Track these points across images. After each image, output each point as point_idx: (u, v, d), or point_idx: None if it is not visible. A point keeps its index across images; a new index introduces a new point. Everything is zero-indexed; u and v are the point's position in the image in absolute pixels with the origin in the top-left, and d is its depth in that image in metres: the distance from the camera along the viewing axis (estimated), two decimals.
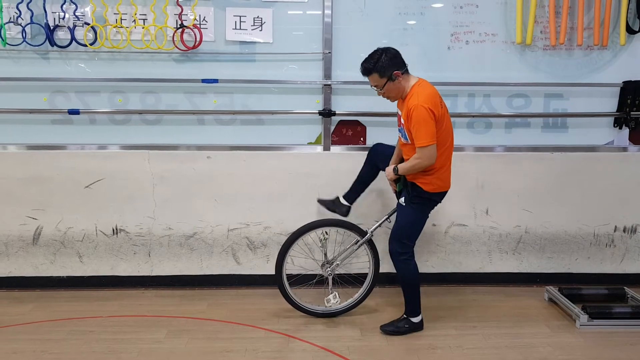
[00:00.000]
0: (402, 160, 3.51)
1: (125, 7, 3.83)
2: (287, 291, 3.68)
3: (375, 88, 3.32)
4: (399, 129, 3.48)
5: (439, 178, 3.34)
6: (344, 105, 4.08)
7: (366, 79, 3.84)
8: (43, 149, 4.01)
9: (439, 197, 3.42)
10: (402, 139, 3.41)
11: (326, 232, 3.69)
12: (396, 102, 3.51)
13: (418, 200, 3.37)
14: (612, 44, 4.07)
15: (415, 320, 3.55)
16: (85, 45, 3.85)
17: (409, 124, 3.20)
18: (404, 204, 3.41)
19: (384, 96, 3.34)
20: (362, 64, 3.27)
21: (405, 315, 3.56)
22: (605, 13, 3.94)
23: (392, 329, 3.53)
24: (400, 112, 3.44)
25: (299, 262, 3.92)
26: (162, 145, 4.05)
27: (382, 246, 3.91)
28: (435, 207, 3.52)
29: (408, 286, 3.51)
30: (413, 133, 3.20)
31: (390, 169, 3.47)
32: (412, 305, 3.54)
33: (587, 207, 4.23)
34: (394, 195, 3.63)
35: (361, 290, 3.79)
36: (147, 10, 3.85)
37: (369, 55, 3.25)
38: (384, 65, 3.20)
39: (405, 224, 3.43)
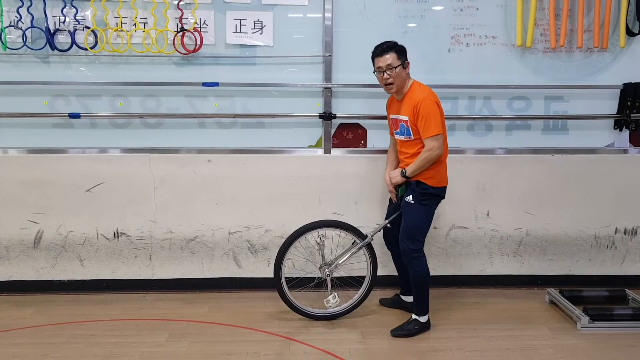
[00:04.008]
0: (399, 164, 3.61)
1: (126, 10, 3.84)
2: (286, 294, 3.68)
3: (384, 72, 3.37)
4: (396, 132, 3.56)
5: (440, 172, 3.47)
6: (344, 108, 4.09)
7: (366, 81, 3.92)
8: (44, 152, 4.01)
9: (442, 191, 3.52)
10: (402, 137, 3.50)
11: (322, 235, 3.69)
12: (387, 104, 3.67)
13: (425, 197, 3.44)
14: (612, 46, 4.08)
15: (423, 320, 3.57)
16: (86, 49, 3.85)
17: (416, 118, 3.34)
18: (412, 202, 3.44)
19: (388, 81, 3.40)
20: (380, 44, 3.41)
21: (414, 317, 3.58)
22: (605, 15, 3.95)
23: (403, 332, 3.53)
24: (395, 116, 3.53)
25: (298, 265, 3.94)
26: (163, 148, 4.05)
27: (381, 248, 3.93)
28: (436, 210, 3.55)
29: (420, 284, 3.53)
30: (421, 125, 3.33)
31: (396, 172, 3.51)
32: (422, 304, 3.57)
33: (588, 209, 4.23)
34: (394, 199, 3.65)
35: (359, 293, 3.79)
36: (148, 14, 3.86)
37: (386, 41, 3.42)
38: (402, 50, 3.42)
39: (415, 222, 3.47)
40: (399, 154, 3.60)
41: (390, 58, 3.34)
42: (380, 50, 3.38)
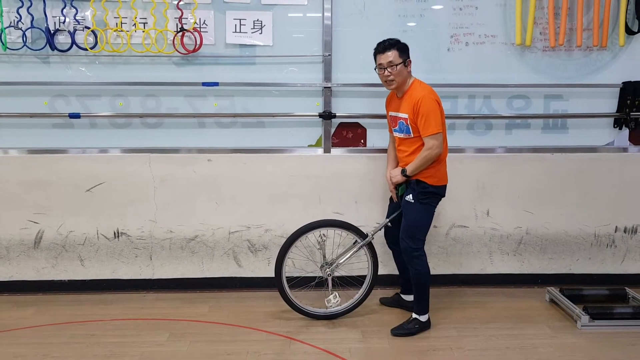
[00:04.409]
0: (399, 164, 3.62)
1: (126, 11, 3.84)
2: (287, 293, 3.68)
3: (386, 69, 3.36)
4: (394, 129, 3.56)
5: (439, 170, 3.47)
6: (344, 107, 4.09)
7: (366, 81, 3.93)
8: (44, 153, 4.02)
9: (442, 190, 3.52)
10: (401, 135, 3.50)
11: (324, 234, 3.69)
12: (386, 100, 3.69)
13: (425, 196, 3.44)
14: (612, 45, 4.08)
15: (423, 319, 3.57)
16: (86, 49, 3.85)
17: (416, 116, 3.34)
18: (412, 201, 3.44)
19: (389, 79, 3.39)
20: (382, 42, 3.41)
21: (414, 316, 3.58)
22: (604, 14, 3.95)
23: (403, 332, 3.54)
24: (395, 113, 3.53)
25: (299, 264, 3.94)
26: (163, 148, 4.06)
27: (381, 247, 3.94)
28: (436, 209, 3.56)
29: (421, 283, 3.54)
30: (421, 124, 3.33)
31: (396, 171, 3.51)
32: (423, 303, 3.57)
33: (588, 208, 4.23)
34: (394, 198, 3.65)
35: (360, 292, 3.80)
36: (148, 14, 3.86)
37: (388, 38, 3.41)
38: (404, 47, 3.41)
39: (415, 221, 3.47)
40: (398, 152, 3.60)
41: (391, 55, 3.34)
42: (382, 47, 3.38)
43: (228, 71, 4.00)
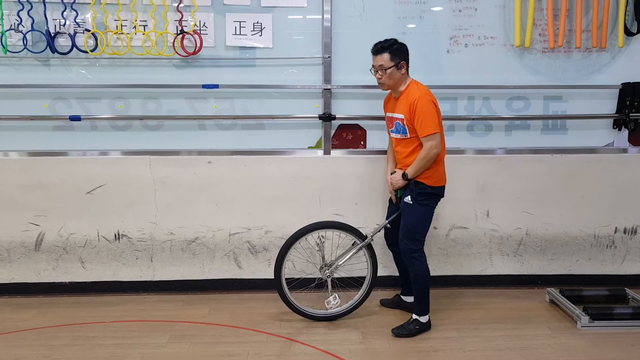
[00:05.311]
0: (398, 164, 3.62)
1: (126, 13, 3.85)
2: (287, 295, 3.69)
3: (377, 71, 3.41)
4: (391, 130, 3.58)
5: (438, 171, 3.48)
6: (344, 109, 4.10)
7: (365, 82, 3.93)
8: (45, 155, 4.03)
9: (441, 190, 3.53)
10: (398, 135, 3.51)
11: (322, 236, 3.70)
12: (384, 101, 3.69)
13: (424, 197, 3.44)
14: (611, 46, 4.09)
15: (423, 320, 3.58)
16: (86, 52, 3.86)
17: (412, 117, 3.36)
18: (410, 202, 3.44)
19: (381, 81, 3.43)
20: (376, 43, 3.42)
21: (414, 317, 3.58)
22: (603, 15, 3.96)
23: (404, 332, 3.54)
24: (391, 114, 3.55)
25: (299, 266, 3.95)
26: (164, 150, 4.07)
27: (381, 249, 3.94)
28: (436, 210, 3.57)
29: (420, 284, 3.54)
30: (418, 124, 3.35)
31: (397, 176, 3.51)
32: (423, 304, 3.58)
33: (588, 209, 4.24)
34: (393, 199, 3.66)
35: (359, 294, 3.81)
36: (148, 17, 3.87)
37: (384, 40, 3.42)
38: (398, 50, 3.40)
39: (414, 222, 3.48)
40: (395, 153, 3.61)
41: (383, 59, 3.36)
42: (376, 49, 3.41)
43: (228, 73, 4.01)
